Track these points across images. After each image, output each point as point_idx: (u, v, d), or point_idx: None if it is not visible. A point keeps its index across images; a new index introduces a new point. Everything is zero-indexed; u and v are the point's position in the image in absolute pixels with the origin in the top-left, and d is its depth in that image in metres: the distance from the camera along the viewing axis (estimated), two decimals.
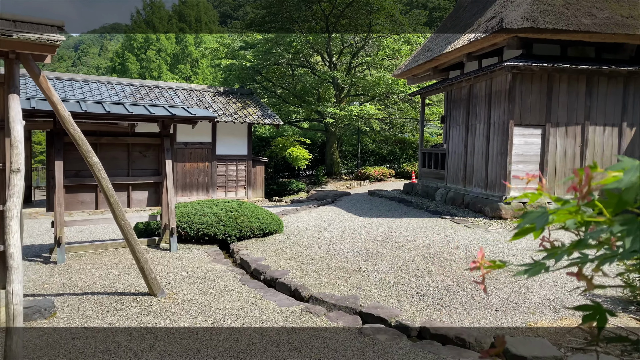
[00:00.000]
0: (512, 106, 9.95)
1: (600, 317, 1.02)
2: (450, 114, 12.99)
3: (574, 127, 10.28)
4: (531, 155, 10.18)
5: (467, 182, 11.88)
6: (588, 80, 10.22)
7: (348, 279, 5.36)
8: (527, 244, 7.39)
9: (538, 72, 9.79)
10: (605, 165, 10.43)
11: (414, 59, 14.26)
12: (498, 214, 9.99)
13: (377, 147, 24.72)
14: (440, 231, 8.67)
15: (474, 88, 11.59)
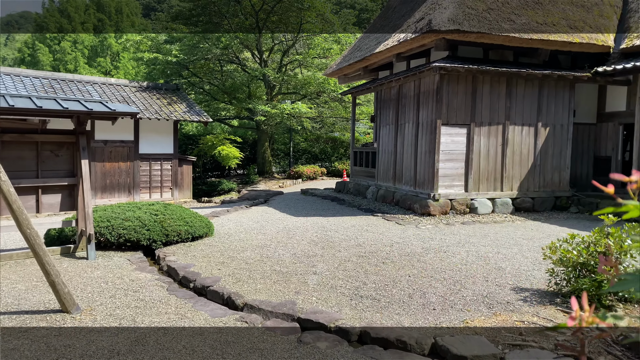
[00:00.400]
0: (439, 106, 10.24)
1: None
2: (381, 114, 13.18)
3: (496, 127, 10.80)
4: (457, 153, 10.56)
5: (397, 180, 12.11)
6: (508, 82, 10.78)
7: (285, 283, 5.14)
8: (457, 239, 7.61)
9: (464, 73, 10.16)
10: (523, 162, 11.08)
11: (345, 59, 14.32)
12: (427, 210, 10.26)
13: (309, 146, 24.70)
14: (373, 229, 8.71)
15: (403, 88, 11.83)
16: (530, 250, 6.96)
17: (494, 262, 6.17)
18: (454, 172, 10.56)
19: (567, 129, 11.42)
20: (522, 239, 7.89)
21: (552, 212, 11.09)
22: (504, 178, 10.92)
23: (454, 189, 10.60)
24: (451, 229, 8.80)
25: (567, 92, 11.31)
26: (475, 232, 8.54)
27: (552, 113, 11.24)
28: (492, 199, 10.83)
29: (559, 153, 11.41)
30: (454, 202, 10.53)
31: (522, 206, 11.02)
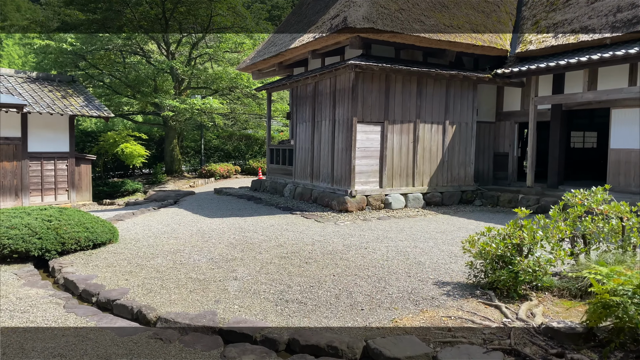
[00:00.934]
0: (355, 104, 10.31)
1: None
2: (297, 111, 13.02)
3: (407, 125, 11.13)
4: (372, 150, 10.72)
5: (315, 178, 12.04)
6: (419, 81, 11.16)
7: (202, 292, 4.74)
8: (376, 235, 7.67)
9: (378, 71, 10.31)
10: (433, 159, 11.55)
11: (259, 53, 13.95)
12: (345, 207, 10.29)
13: (222, 143, 23.89)
14: (293, 228, 8.51)
15: (319, 85, 11.77)
16: (444, 243, 7.21)
17: (413, 256, 6.27)
18: (369, 168, 10.70)
19: (471, 127, 12.12)
20: (435, 232, 8.17)
21: (459, 206, 11.71)
22: (415, 174, 11.31)
23: (370, 185, 10.75)
24: (369, 225, 8.88)
25: (470, 92, 11.99)
26: (392, 227, 8.69)
27: (458, 112, 11.85)
28: (405, 194, 11.16)
29: (465, 150, 12.08)
30: (370, 198, 10.69)
31: (432, 200, 11.50)
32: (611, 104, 10.47)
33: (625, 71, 10.18)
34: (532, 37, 11.65)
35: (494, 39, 11.72)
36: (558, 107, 11.60)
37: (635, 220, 4.70)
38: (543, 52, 11.25)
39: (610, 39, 9.79)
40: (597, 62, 9.50)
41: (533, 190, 11.39)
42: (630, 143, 10.19)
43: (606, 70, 10.40)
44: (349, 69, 10.13)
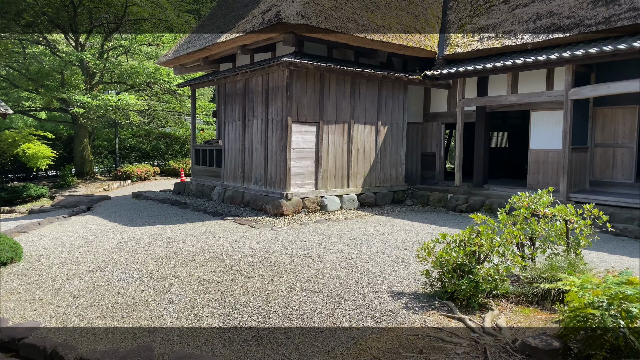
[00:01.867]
0: (289, 103, 9.89)
1: None
2: (225, 109, 12.31)
3: (342, 125, 10.92)
4: (308, 151, 10.37)
5: (247, 180, 11.44)
6: (352, 81, 10.99)
7: (133, 321, 4.07)
8: (317, 241, 7.32)
9: (312, 70, 9.97)
10: (366, 159, 11.46)
11: (182, 47, 13.02)
12: (280, 210, 9.85)
13: (139, 143, 22.27)
14: (227, 236, 7.91)
15: (250, 82, 11.18)
16: (387, 247, 7.04)
17: (360, 264, 6.00)
18: (305, 170, 10.34)
19: (402, 128, 12.21)
20: (375, 235, 8.00)
21: (392, 206, 11.74)
22: (350, 175, 11.14)
23: (305, 187, 10.39)
24: (307, 229, 8.52)
25: (401, 93, 12.07)
26: (331, 231, 8.41)
27: (389, 112, 11.87)
28: (340, 196, 10.96)
29: (396, 150, 12.14)
30: (306, 200, 10.33)
31: (366, 201, 11.42)
32: (531, 107, 11.03)
33: (543, 76, 10.76)
34: (459, 40, 11.97)
35: (424, 40, 11.89)
36: (482, 109, 12.03)
37: (582, 223, 4.77)
38: (469, 55, 11.60)
39: (532, 45, 10.28)
40: (521, 66, 9.93)
41: (461, 189, 11.72)
42: (548, 143, 10.79)
43: (527, 74, 10.93)
44: (282, 67, 9.68)
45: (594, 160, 10.47)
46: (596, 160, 10.45)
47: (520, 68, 10.06)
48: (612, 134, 10.14)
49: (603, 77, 10.14)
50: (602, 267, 5.45)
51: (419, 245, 7.15)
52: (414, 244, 7.29)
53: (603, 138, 10.30)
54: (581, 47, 9.29)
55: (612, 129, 10.14)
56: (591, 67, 10.24)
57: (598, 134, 10.37)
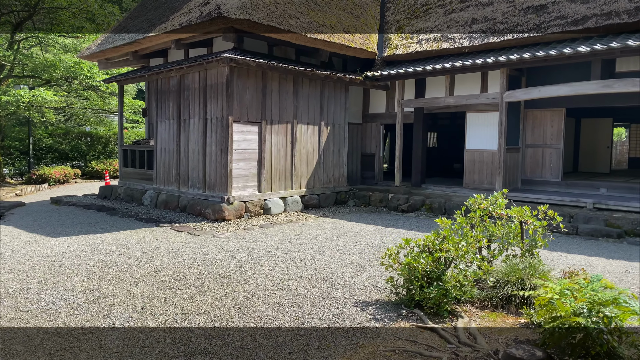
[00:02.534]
0: (230, 101, 9.39)
1: None
2: (157, 107, 11.50)
3: (285, 125, 10.60)
4: (250, 152, 9.94)
5: (182, 183, 10.76)
6: (295, 81, 10.69)
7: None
8: (265, 247, 6.95)
9: (254, 67, 9.54)
10: (310, 160, 11.22)
11: (109, 40, 12.00)
12: (221, 215, 9.33)
13: (57, 143, 20.39)
14: (166, 245, 7.30)
15: (186, 79, 10.51)
16: (340, 251, 6.84)
17: (316, 271, 5.74)
18: (247, 172, 9.90)
19: (344, 128, 12.12)
20: (324, 238, 7.79)
21: (336, 207, 11.62)
22: (293, 176, 10.85)
23: (248, 190, 9.95)
24: (253, 235, 8.12)
25: (343, 93, 11.98)
26: (278, 235, 8.07)
27: (332, 113, 11.73)
28: (284, 198, 10.63)
29: (338, 151, 12.03)
30: (249, 203, 9.89)
31: (310, 203, 11.20)
32: (467, 108, 11.38)
33: (478, 79, 11.15)
34: (398, 42, 12.10)
35: (364, 41, 11.87)
36: (420, 110, 12.26)
37: (537, 224, 4.84)
38: (409, 57, 11.75)
39: (469, 48, 10.59)
40: (459, 68, 10.19)
41: (401, 189, 11.85)
42: (483, 144, 11.19)
43: (463, 77, 11.27)
44: (222, 63, 9.17)
45: (525, 160, 11.02)
46: (527, 160, 11.00)
47: (458, 70, 10.33)
48: (541, 135, 10.72)
49: (532, 81, 10.69)
50: (558, 267, 5.62)
51: (370, 248, 7.04)
52: (365, 247, 7.16)
53: (533, 139, 10.86)
54: (514, 52, 9.70)
55: (541, 130, 10.71)
56: (522, 71, 10.76)
57: (528, 135, 10.92)
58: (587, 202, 9.09)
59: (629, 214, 8.53)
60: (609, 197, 9.20)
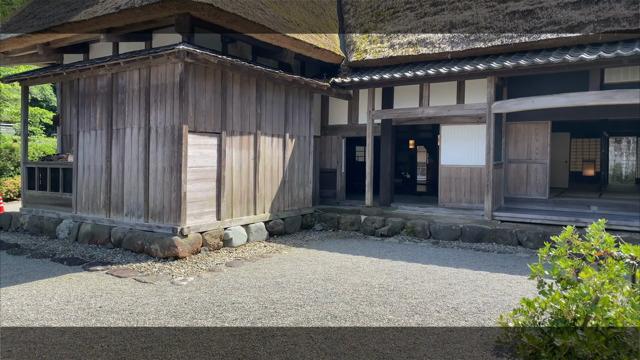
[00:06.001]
0: (185, 107, 7.43)
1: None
2: (78, 113, 9.07)
3: (247, 137, 8.81)
4: (208, 170, 8.00)
5: (115, 210, 8.46)
6: (258, 84, 8.97)
7: None
8: (252, 300, 5.14)
9: (215, 65, 7.68)
10: (274, 178, 9.50)
11: (9, 28, 9.36)
12: (173, 252, 7.28)
13: None
14: (110, 302, 5.19)
15: (121, 78, 8.30)
16: (357, 301, 5.24)
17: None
18: (204, 195, 7.93)
19: (309, 141, 10.58)
20: (321, 280, 6.14)
21: (304, 233, 9.98)
22: (257, 198, 9.05)
23: (205, 217, 7.98)
24: (225, 280, 6.22)
25: (307, 101, 10.46)
26: (259, 278, 6.26)
27: (296, 124, 10.14)
28: (247, 225, 8.79)
29: (303, 167, 10.44)
30: (206, 235, 7.92)
31: (275, 229, 9.45)
32: (441, 121, 10.43)
33: (454, 88, 10.25)
34: (367, 46, 10.87)
35: (330, 43, 10.49)
36: (389, 122, 11.10)
37: None
38: (381, 63, 10.56)
39: (451, 54, 9.63)
40: (445, 76, 9.14)
41: (374, 210, 10.53)
42: (460, 159, 10.27)
43: (438, 86, 10.31)
44: (175, 57, 7.20)
45: (508, 177, 10.26)
46: (510, 176, 10.25)
47: (442, 78, 9.29)
48: (525, 149, 10.02)
49: (514, 92, 10.00)
50: None
51: (392, 294, 5.51)
52: (383, 292, 5.64)
53: (516, 154, 10.14)
54: (501, 59, 8.88)
55: (525, 144, 10.02)
56: (505, 81, 10.03)
57: (511, 149, 10.19)
58: (587, 221, 8.40)
59: (635, 234, 7.94)
60: (609, 216, 8.61)
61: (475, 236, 8.91)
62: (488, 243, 8.79)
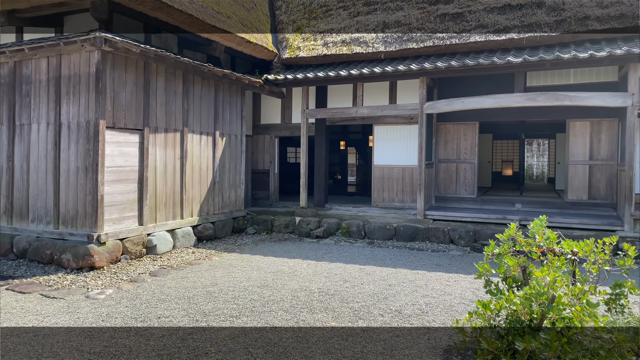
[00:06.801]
0: (102, 100, 6.69)
1: None
2: None
3: (173, 134, 8.17)
4: (128, 170, 7.28)
5: (18, 216, 7.45)
6: (185, 78, 8.35)
7: None
8: (184, 311, 4.64)
9: (137, 55, 6.99)
10: (203, 179, 8.93)
11: None
12: (89, 262, 6.52)
13: None
14: (6, 322, 4.44)
15: (25, 67, 7.31)
16: (296, 309, 4.92)
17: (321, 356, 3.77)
18: (124, 198, 7.21)
19: (241, 140, 10.09)
20: (256, 287, 5.75)
21: (235, 237, 9.48)
22: (184, 201, 8.43)
23: (126, 222, 7.25)
24: (149, 291, 5.62)
25: (239, 98, 9.97)
26: (188, 288, 5.73)
27: (227, 121, 9.62)
28: (172, 230, 8.14)
29: (235, 168, 9.94)
30: (127, 242, 7.19)
31: (204, 234, 8.87)
32: (374, 121, 10.42)
33: (387, 89, 10.28)
34: (300, 43, 10.60)
35: (263, 38, 10.09)
36: (322, 122, 10.91)
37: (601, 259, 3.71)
38: (314, 61, 10.33)
39: (384, 54, 9.62)
40: (379, 75, 9.10)
41: (308, 211, 10.28)
42: (393, 159, 10.32)
43: (371, 86, 10.28)
44: (90, 45, 6.44)
45: (439, 176, 10.45)
46: (440, 175, 10.44)
47: (377, 78, 9.26)
48: (454, 149, 10.26)
49: (443, 93, 10.21)
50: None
51: (333, 298, 5.24)
52: (324, 296, 5.36)
53: (446, 154, 10.35)
54: (433, 60, 9.01)
55: (454, 144, 10.26)
56: (435, 82, 10.20)
57: (441, 149, 10.39)
58: (514, 219, 8.72)
59: (556, 229, 8.34)
60: (532, 213, 9.00)
61: (409, 235, 8.93)
62: (422, 242, 8.85)
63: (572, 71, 9.00)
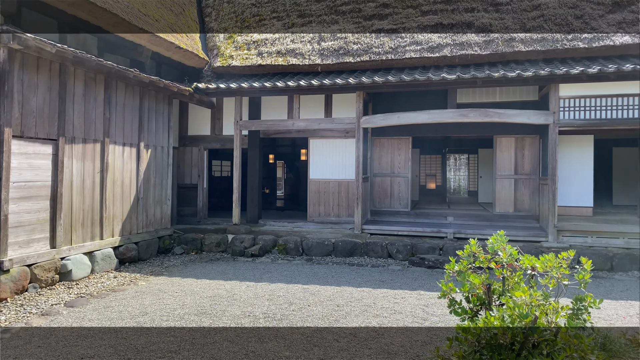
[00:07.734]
0: (8, 105, 5.79)
1: None
2: None
3: (93, 145, 7.33)
4: (39, 186, 6.37)
5: None
6: (107, 84, 7.57)
7: None
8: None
9: (52, 56, 6.16)
10: (125, 195, 8.12)
11: None
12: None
13: None
14: None
15: None
16: (244, 340, 4.46)
17: None
18: (34, 217, 6.28)
19: (167, 153, 9.37)
20: (194, 315, 5.20)
21: (162, 258, 8.72)
22: (104, 219, 7.57)
23: (36, 245, 6.32)
24: (66, 326, 4.85)
25: (166, 107, 9.28)
26: (113, 320, 5.03)
27: (153, 131, 8.89)
28: (91, 253, 7.27)
29: (161, 182, 9.19)
30: (37, 268, 6.26)
31: (127, 256, 8.05)
32: (310, 134, 10.23)
33: (322, 102, 10.16)
34: (232, 52, 10.15)
35: (193, 44, 9.53)
36: (256, 134, 10.51)
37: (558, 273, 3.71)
38: (248, 71, 9.94)
39: (321, 67, 9.48)
40: (317, 88, 8.92)
41: (242, 228, 9.77)
42: (328, 173, 10.18)
43: (307, 99, 10.08)
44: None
45: (374, 190, 10.44)
46: (375, 189, 10.44)
47: (316, 90, 9.07)
48: (389, 163, 10.32)
49: (378, 108, 10.27)
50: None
51: (273, 320, 4.83)
52: (270, 321, 4.95)
53: (381, 168, 10.39)
54: (369, 74, 9.02)
55: (389, 159, 10.32)
56: (370, 97, 10.23)
57: (376, 163, 10.41)
58: (448, 232, 8.90)
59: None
60: (464, 226, 9.24)
61: (348, 250, 8.76)
62: (360, 257, 8.71)
63: (498, 89, 9.45)
